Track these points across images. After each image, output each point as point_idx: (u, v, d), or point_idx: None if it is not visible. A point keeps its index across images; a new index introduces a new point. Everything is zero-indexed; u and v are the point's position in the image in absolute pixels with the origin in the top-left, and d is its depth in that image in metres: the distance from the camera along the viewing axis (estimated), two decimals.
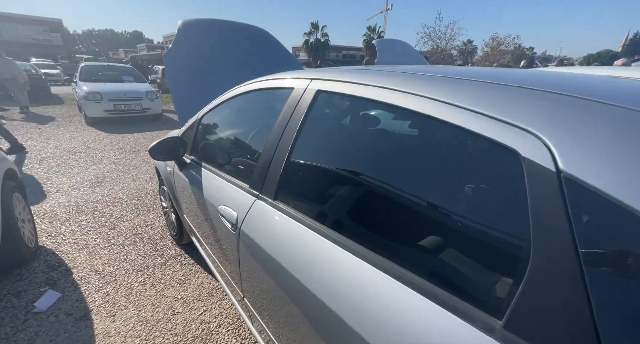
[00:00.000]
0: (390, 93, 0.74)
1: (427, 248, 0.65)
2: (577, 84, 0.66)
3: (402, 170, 0.81)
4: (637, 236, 0.39)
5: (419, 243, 0.67)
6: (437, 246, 0.64)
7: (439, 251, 0.64)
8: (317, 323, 0.75)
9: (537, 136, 0.49)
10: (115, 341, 1.51)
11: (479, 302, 0.52)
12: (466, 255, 0.61)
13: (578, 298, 0.41)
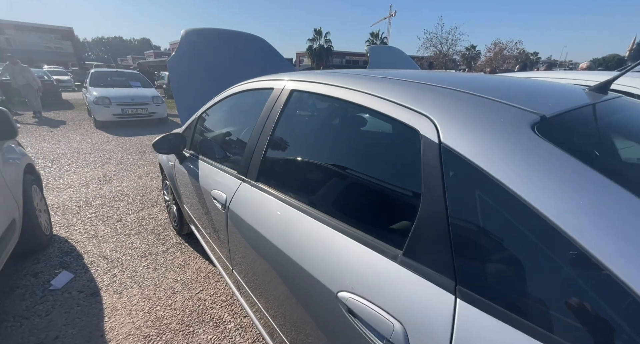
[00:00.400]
0: (341, 90, 0.93)
1: (356, 206, 0.85)
2: (472, 83, 0.85)
3: (345, 149, 1.00)
4: (482, 183, 0.57)
5: (353, 203, 0.86)
6: (362, 203, 0.83)
7: (363, 207, 0.83)
8: (286, 275, 0.94)
9: (430, 119, 0.68)
10: (122, 314, 1.70)
11: (388, 239, 0.70)
12: (380, 207, 0.80)
13: (445, 229, 0.59)
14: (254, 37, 3.04)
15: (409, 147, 0.72)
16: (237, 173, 1.30)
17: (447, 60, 30.78)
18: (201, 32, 2.75)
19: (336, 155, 1.02)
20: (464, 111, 0.67)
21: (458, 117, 0.66)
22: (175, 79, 2.61)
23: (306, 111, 1.17)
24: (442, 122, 0.66)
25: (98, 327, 1.61)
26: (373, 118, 0.84)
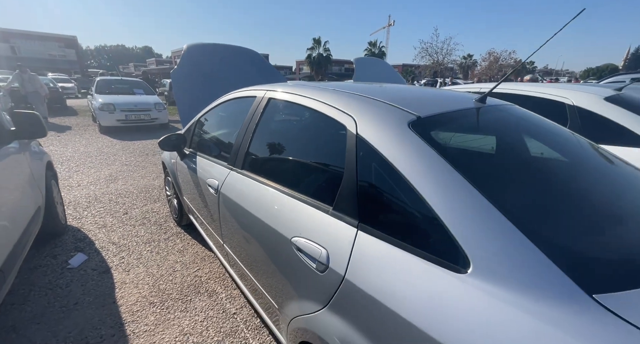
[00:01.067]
0: (300, 97, 1.27)
1: (304, 179, 1.19)
2: (385, 93, 1.18)
3: (300, 140, 1.34)
4: (376, 159, 0.89)
5: (302, 177, 1.20)
6: (308, 177, 1.16)
7: (309, 179, 1.16)
8: (259, 232, 1.25)
9: (352, 117, 1.01)
10: (130, 286, 2.00)
11: (324, 200, 1.02)
12: (320, 178, 1.12)
13: (355, 189, 0.91)
14: (247, 50, 3.41)
15: (339, 136, 1.05)
16: (227, 165, 1.63)
17: (443, 69, 31.55)
18: (201, 47, 3.12)
19: (294, 145, 1.36)
20: (372, 112, 1.00)
21: (368, 116, 0.99)
22: (177, 88, 2.95)
23: (278, 114, 1.49)
24: (359, 119, 1.00)
25: (110, 296, 1.91)
26: (318, 115, 1.17)
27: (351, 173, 0.95)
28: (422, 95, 1.26)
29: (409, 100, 1.08)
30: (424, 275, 0.70)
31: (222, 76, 2.98)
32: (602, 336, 0.50)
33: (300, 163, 1.30)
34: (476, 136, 1.08)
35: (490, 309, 0.59)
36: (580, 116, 2.20)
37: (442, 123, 1.01)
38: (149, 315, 1.78)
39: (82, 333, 1.63)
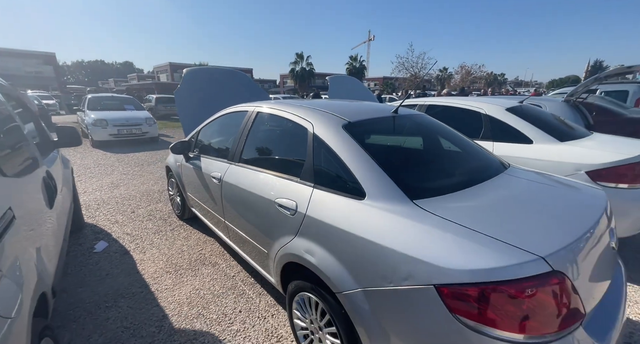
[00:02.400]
0: (277, 110, 1.91)
1: (282, 164, 1.81)
2: (333, 106, 1.84)
3: (278, 140, 1.97)
4: (325, 148, 1.53)
5: (280, 163, 1.82)
6: (284, 161, 1.79)
7: (284, 163, 1.78)
8: (251, 200, 1.84)
9: (310, 122, 1.66)
10: (148, 262, 2.51)
11: (293, 173, 1.64)
12: (290, 162, 1.75)
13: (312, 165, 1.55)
14: (238, 73, 4.06)
15: (303, 135, 1.68)
16: (227, 161, 2.22)
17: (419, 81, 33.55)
18: (198, 71, 3.74)
19: (275, 142, 2.00)
20: (322, 119, 1.65)
21: (320, 122, 1.64)
22: (180, 104, 3.54)
23: (264, 122, 2.12)
24: (315, 123, 1.64)
25: (134, 268, 2.42)
26: (291, 122, 1.81)
27: (310, 156, 1.58)
28: (356, 108, 1.93)
29: (346, 111, 1.74)
30: (345, 203, 1.33)
31: (217, 94, 3.59)
32: (415, 215, 1.14)
33: (279, 153, 1.93)
34: (384, 131, 1.75)
35: (374, 212, 1.22)
36: (490, 121, 2.97)
37: (362, 125, 1.66)
38: (167, 279, 2.30)
39: (118, 291, 2.14)
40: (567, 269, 0.92)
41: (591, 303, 1.02)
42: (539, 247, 0.93)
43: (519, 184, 1.46)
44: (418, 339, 1.04)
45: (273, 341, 1.75)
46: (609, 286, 1.24)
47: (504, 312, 0.88)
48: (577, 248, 1.00)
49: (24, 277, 1.10)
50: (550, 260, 0.90)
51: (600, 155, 2.34)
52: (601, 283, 1.13)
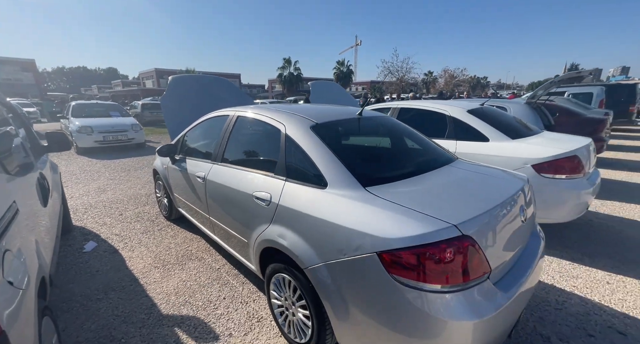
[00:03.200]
0: (254, 114, 2.13)
1: (258, 161, 2.02)
2: (303, 110, 2.08)
3: (256, 139, 2.19)
4: (294, 146, 1.76)
5: (257, 160, 2.04)
6: (259, 158, 2.01)
7: (259, 160, 2.00)
8: (232, 196, 2.04)
9: (283, 124, 1.88)
10: (136, 258, 2.66)
11: (268, 169, 1.86)
12: (266, 160, 1.97)
13: (284, 162, 1.77)
14: (222, 79, 4.26)
15: (277, 135, 1.90)
16: (210, 161, 2.42)
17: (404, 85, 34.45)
18: (183, 78, 3.92)
19: (253, 142, 2.21)
20: (293, 121, 1.87)
21: (291, 123, 1.86)
22: (165, 110, 3.70)
23: (243, 125, 2.33)
24: (287, 125, 1.86)
25: (123, 265, 2.56)
26: (266, 125, 2.03)
27: (282, 154, 1.80)
28: (324, 111, 2.16)
29: (314, 114, 1.98)
30: (311, 192, 1.55)
31: (201, 100, 3.77)
32: (365, 199, 1.37)
33: (257, 152, 2.15)
34: (348, 131, 1.99)
35: (333, 198, 1.44)
36: (453, 122, 3.27)
37: (328, 126, 1.90)
38: (155, 273, 2.45)
39: (108, 286, 2.28)
40: (474, 234, 1.17)
41: (497, 262, 1.27)
42: (453, 217, 1.18)
43: (456, 173, 1.73)
44: (365, 300, 1.26)
45: (254, 321, 1.94)
46: (524, 253, 1.51)
47: (425, 268, 1.12)
48: (485, 218, 1.25)
49: (28, 260, 1.27)
50: (460, 226, 1.15)
51: (542, 150, 2.66)
52: (509, 247, 1.38)
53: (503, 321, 1.20)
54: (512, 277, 1.34)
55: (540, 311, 1.98)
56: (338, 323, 1.41)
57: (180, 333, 1.83)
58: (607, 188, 4.45)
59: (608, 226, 3.19)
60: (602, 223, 3.27)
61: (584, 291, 2.17)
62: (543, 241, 1.71)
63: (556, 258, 2.60)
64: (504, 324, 1.21)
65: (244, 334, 1.84)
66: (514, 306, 1.25)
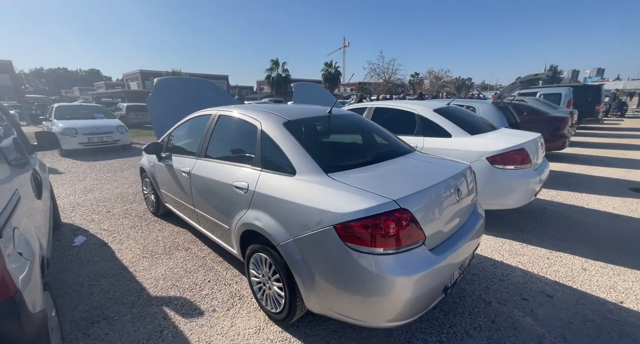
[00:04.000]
0: (234, 112, 2.35)
1: (237, 156, 2.25)
2: (278, 108, 2.32)
3: (235, 135, 2.41)
4: (269, 141, 1.99)
5: (236, 155, 2.26)
6: (238, 154, 2.23)
7: (237, 156, 2.23)
8: (214, 186, 2.26)
9: (259, 121, 2.12)
10: (125, 250, 2.82)
11: (246, 162, 2.09)
12: (244, 154, 2.20)
13: (260, 156, 2.00)
14: (206, 81, 4.45)
15: (254, 131, 2.13)
16: (194, 157, 2.62)
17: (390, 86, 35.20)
18: (168, 79, 4.09)
19: (232, 138, 2.43)
20: (268, 118, 2.11)
21: (266, 120, 2.10)
22: (152, 110, 3.86)
23: (224, 123, 2.54)
24: (263, 122, 2.10)
25: (112, 256, 2.72)
26: (245, 122, 2.25)
27: (258, 148, 2.03)
28: (297, 109, 2.40)
29: (287, 112, 2.22)
30: (282, 179, 1.79)
31: (186, 100, 3.95)
32: (326, 183, 1.62)
33: (236, 147, 2.37)
34: (317, 127, 2.24)
35: (300, 183, 1.69)
36: (421, 120, 3.58)
37: (298, 123, 2.13)
38: (143, 262, 2.63)
39: (99, 273, 2.45)
40: (411, 207, 1.44)
41: (431, 231, 1.54)
42: (394, 194, 1.44)
43: (408, 162, 2.00)
44: (326, 268, 1.51)
45: (236, 299, 2.16)
46: (462, 228, 1.80)
47: (370, 236, 1.38)
48: (421, 195, 1.52)
49: (31, 239, 1.45)
50: (399, 201, 1.41)
51: (495, 144, 2.99)
52: (444, 220, 1.65)
53: (434, 278, 1.47)
54: (446, 245, 1.62)
55: (487, 282, 2.29)
56: (306, 291, 1.65)
57: (168, 311, 2.03)
58: (564, 180, 4.89)
59: (558, 212, 3.57)
60: (554, 210, 3.65)
61: (526, 266, 2.49)
62: (482, 220, 2.00)
63: (508, 240, 2.92)
64: (436, 281, 1.48)
65: (226, 309, 2.05)
66: (444, 268, 1.52)
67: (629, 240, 2.87)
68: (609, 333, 1.78)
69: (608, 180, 4.83)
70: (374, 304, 1.43)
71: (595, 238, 2.92)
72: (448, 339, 1.77)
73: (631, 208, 3.61)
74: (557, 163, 6.00)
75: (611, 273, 2.36)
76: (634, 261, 2.52)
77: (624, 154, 6.71)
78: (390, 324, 1.47)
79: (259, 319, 1.96)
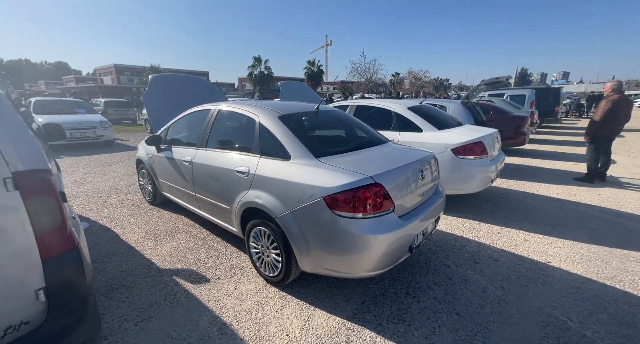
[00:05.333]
0: (233, 107, 2.67)
1: (236, 145, 2.58)
2: (273, 104, 2.67)
3: (234, 128, 2.74)
4: (267, 132, 2.33)
5: (236, 144, 2.59)
6: (237, 144, 2.57)
7: (236, 146, 2.56)
8: (216, 172, 2.57)
9: (257, 115, 2.45)
10: (129, 234, 3.06)
11: (246, 150, 2.42)
12: (243, 144, 2.53)
13: (259, 145, 2.34)
14: (199, 78, 4.69)
15: (253, 124, 2.46)
16: (195, 147, 2.90)
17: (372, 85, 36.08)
18: (163, 76, 4.29)
19: (232, 130, 2.75)
20: (265, 113, 2.45)
21: (263, 114, 2.44)
22: (149, 105, 4.06)
23: (224, 117, 2.85)
24: (260, 116, 2.43)
25: (118, 239, 2.96)
26: (243, 116, 2.58)
27: (257, 138, 2.37)
28: (289, 105, 2.75)
29: (281, 107, 2.57)
30: (279, 163, 2.14)
31: (181, 96, 4.17)
32: (316, 165, 1.99)
33: (236, 137, 2.69)
34: (307, 120, 2.62)
35: (295, 166, 2.05)
36: (397, 117, 4.03)
37: (291, 116, 2.49)
38: (148, 243, 2.89)
39: (109, 252, 2.69)
40: (383, 182, 1.85)
41: (399, 202, 1.96)
42: (371, 172, 1.85)
43: (384, 149, 2.42)
44: (317, 234, 1.88)
45: (237, 269, 2.49)
46: (425, 202, 2.24)
47: (352, 204, 1.77)
48: (391, 173, 1.94)
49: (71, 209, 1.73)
50: (374, 177, 1.82)
51: (458, 138, 3.49)
52: (410, 194, 2.08)
53: (401, 238, 1.89)
54: (411, 214, 2.05)
55: (448, 251, 2.76)
56: (300, 255, 2.02)
57: (178, 279, 2.34)
58: (522, 172, 5.55)
59: (513, 198, 4.15)
60: (510, 196, 4.23)
61: (481, 239, 3.00)
62: (442, 198, 2.46)
63: (469, 220, 3.44)
64: (402, 240, 1.90)
65: (229, 277, 2.39)
66: (409, 229, 1.95)
67: (564, 217, 3.47)
68: (535, 283, 2.29)
69: (557, 171, 5.55)
70: (355, 259, 1.83)
71: (538, 216, 3.50)
72: (414, 291, 2.20)
73: (571, 194, 4.27)
74: (518, 158, 6.72)
75: (545, 242, 2.91)
76: (564, 232, 3.09)
77: (575, 150, 7.58)
78: (368, 274, 1.87)
79: (259, 284, 2.31)
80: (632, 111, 4.55)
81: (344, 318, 1.95)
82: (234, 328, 1.86)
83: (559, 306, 2.03)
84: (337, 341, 1.76)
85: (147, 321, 1.90)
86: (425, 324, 1.88)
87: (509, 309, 2.01)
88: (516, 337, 1.77)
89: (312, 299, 2.13)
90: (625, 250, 2.73)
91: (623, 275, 2.36)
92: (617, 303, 2.04)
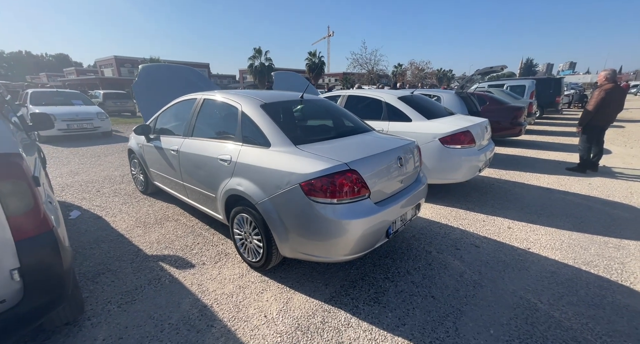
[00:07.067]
0: (218, 96, 2.69)
1: (219, 133, 2.60)
2: (257, 93, 2.68)
3: (218, 116, 2.76)
4: (249, 122, 2.35)
5: (219, 132, 2.62)
6: (220, 130, 2.59)
7: (219, 132, 2.58)
8: (202, 161, 2.61)
9: (240, 103, 2.47)
10: (119, 222, 3.13)
11: (228, 138, 2.44)
12: (225, 132, 2.55)
13: (241, 133, 2.36)
14: (190, 68, 4.68)
15: (235, 112, 2.48)
16: (182, 136, 2.93)
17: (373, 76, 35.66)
18: (153, 66, 4.29)
19: (216, 119, 2.77)
20: (247, 101, 2.46)
21: (246, 103, 2.45)
22: (138, 94, 4.08)
23: (209, 106, 2.86)
24: (242, 104, 2.45)
25: (107, 226, 3.03)
26: (227, 105, 2.59)
27: (239, 126, 2.39)
28: (273, 94, 2.76)
29: (264, 96, 2.57)
30: (259, 151, 2.17)
31: (170, 86, 4.18)
32: (295, 152, 2.02)
33: (219, 126, 2.71)
34: (289, 108, 2.62)
35: (274, 153, 2.07)
36: (387, 107, 4.02)
37: (273, 105, 2.50)
38: (138, 231, 2.96)
39: (98, 239, 2.76)
40: (359, 168, 1.87)
41: (375, 188, 1.98)
42: (346, 159, 1.87)
43: (365, 138, 2.44)
44: (294, 217, 1.92)
45: (222, 256, 2.55)
46: (405, 189, 2.26)
47: (327, 190, 1.80)
48: (367, 160, 1.96)
49: (51, 196, 1.77)
50: (350, 164, 1.84)
51: (446, 127, 3.49)
52: (387, 181, 2.10)
53: (376, 224, 1.92)
54: (388, 201, 2.08)
55: (431, 238, 2.80)
56: (280, 241, 2.06)
57: (164, 265, 2.40)
58: (516, 162, 5.55)
59: (502, 187, 4.17)
60: (499, 186, 4.25)
61: (465, 227, 3.03)
62: (423, 186, 2.48)
63: (456, 209, 3.47)
64: (377, 226, 1.94)
65: (214, 262, 2.45)
66: (385, 215, 1.98)
67: (551, 206, 3.49)
68: (512, 268, 2.33)
69: (551, 161, 5.54)
70: (331, 243, 1.87)
71: (525, 205, 3.52)
72: (393, 276, 2.26)
73: (561, 183, 4.28)
74: (513, 148, 6.70)
75: (528, 230, 2.94)
76: (548, 220, 3.12)
77: (573, 140, 7.52)
78: (345, 257, 1.92)
79: (242, 269, 2.37)
80: (625, 100, 4.50)
81: (321, 301, 2.00)
82: (214, 310, 1.92)
83: (532, 289, 2.07)
84: (312, 322, 1.82)
85: (130, 304, 1.96)
86: (400, 307, 1.94)
87: (483, 292, 2.05)
88: (486, 318, 1.82)
89: (292, 283, 2.18)
90: (605, 237, 2.75)
91: (599, 260, 2.40)
92: (589, 287, 2.08)
